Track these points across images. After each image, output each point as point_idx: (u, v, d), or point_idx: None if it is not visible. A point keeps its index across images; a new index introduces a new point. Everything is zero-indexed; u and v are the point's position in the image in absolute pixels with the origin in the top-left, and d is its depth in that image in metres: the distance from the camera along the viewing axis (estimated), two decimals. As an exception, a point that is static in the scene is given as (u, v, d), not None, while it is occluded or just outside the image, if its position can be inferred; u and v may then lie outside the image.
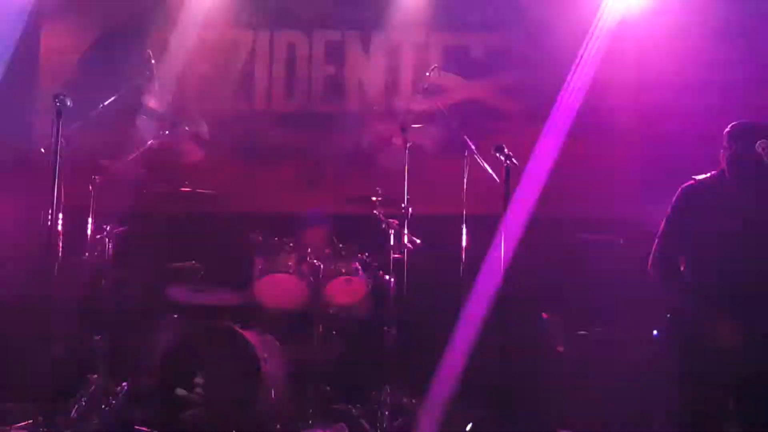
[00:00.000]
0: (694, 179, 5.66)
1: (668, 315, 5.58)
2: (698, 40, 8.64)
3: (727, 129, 5.66)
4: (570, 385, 7.32)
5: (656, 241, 5.63)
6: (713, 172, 5.67)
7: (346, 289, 7.80)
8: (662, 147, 8.63)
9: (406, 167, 7.63)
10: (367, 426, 7.29)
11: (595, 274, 7.96)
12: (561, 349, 7.38)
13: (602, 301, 7.77)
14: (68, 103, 6.04)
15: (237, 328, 7.21)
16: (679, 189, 5.67)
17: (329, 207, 8.60)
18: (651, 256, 5.63)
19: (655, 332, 7.13)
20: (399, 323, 7.55)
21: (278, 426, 7.11)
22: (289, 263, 7.66)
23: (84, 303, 7.66)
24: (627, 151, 9.05)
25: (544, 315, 7.51)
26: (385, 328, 7.50)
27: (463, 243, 7.28)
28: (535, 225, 6.07)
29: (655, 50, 8.78)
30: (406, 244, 7.50)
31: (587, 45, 8.80)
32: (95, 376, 7.38)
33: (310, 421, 7.29)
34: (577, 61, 8.81)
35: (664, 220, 5.64)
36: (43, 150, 6.46)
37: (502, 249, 5.71)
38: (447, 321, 7.42)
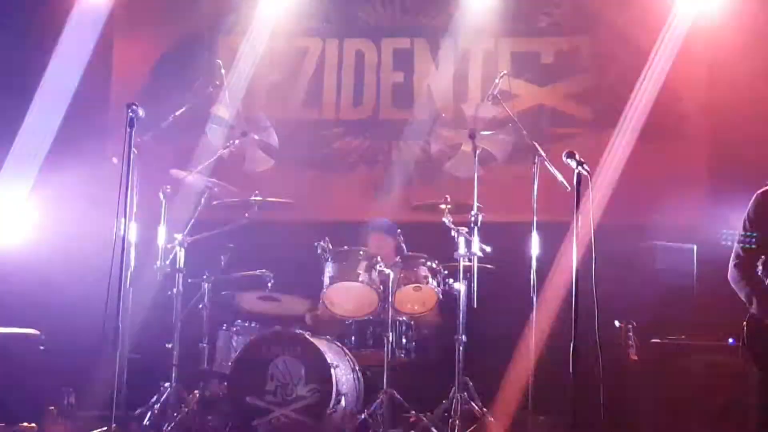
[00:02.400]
0: (768, 185, 5.56)
1: (745, 322, 5.46)
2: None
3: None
4: (644, 393, 7.21)
5: (734, 246, 5.53)
6: (789, 178, 5.56)
7: (416, 298, 7.78)
8: (735, 151, 8.48)
9: (476, 174, 7.58)
10: (437, 434, 7.26)
11: (667, 281, 7.85)
12: (635, 357, 7.27)
13: (676, 308, 7.67)
14: (140, 113, 6.08)
15: (307, 335, 7.23)
16: (754, 195, 5.57)
17: (398, 215, 8.60)
18: (730, 261, 5.54)
19: (731, 340, 7.00)
20: (469, 331, 7.51)
21: (349, 434, 7.12)
22: (359, 271, 7.64)
23: (155, 311, 7.73)
24: (699, 155, 8.92)
25: (617, 322, 7.39)
26: (455, 335, 7.46)
27: (534, 250, 7.20)
28: (606, 232, 5.96)
29: (728, 54, 8.62)
30: (475, 252, 7.45)
31: (658, 49, 8.69)
32: (167, 384, 7.44)
33: (381, 430, 7.27)
34: (648, 65, 8.71)
35: (741, 226, 5.54)
36: (115, 160, 6.51)
37: (574, 256, 5.61)
38: (517, 329, 7.36)
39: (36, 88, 8.98)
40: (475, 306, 7.43)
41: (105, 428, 6.64)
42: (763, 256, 5.26)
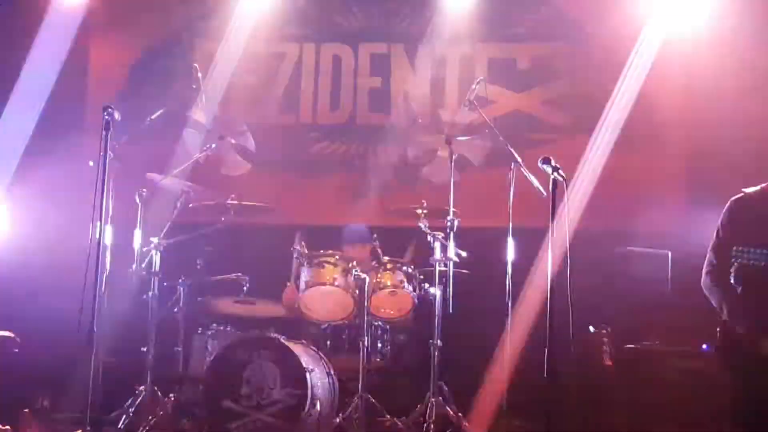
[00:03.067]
0: (744, 192, 5.59)
1: (718, 329, 5.50)
2: (747, 50, 8.53)
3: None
4: (618, 398, 7.25)
5: (708, 253, 5.56)
6: (763, 185, 5.59)
7: (392, 302, 7.80)
8: (710, 159, 8.54)
9: (452, 180, 7.61)
10: (412, 439, 7.28)
11: (642, 287, 7.88)
12: (609, 362, 7.31)
13: (650, 314, 7.71)
14: (117, 116, 6.08)
15: (282, 339, 7.23)
16: (729, 201, 5.60)
17: (374, 219, 8.61)
18: (703, 268, 5.56)
19: (705, 346, 7.05)
20: (444, 336, 7.53)
21: (324, 438, 7.12)
22: (335, 276, 7.67)
23: (131, 314, 7.71)
24: (675, 163, 8.97)
25: (592, 328, 7.44)
26: (431, 340, 7.47)
27: (509, 256, 7.24)
28: (582, 238, 6.01)
29: (704, 65, 8.66)
30: (451, 257, 7.48)
31: (635, 57, 8.74)
32: (142, 387, 7.42)
33: (356, 434, 7.28)
34: (624, 73, 8.75)
35: (714, 233, 5.57)
36: (91, 163, 6.49)
37: (549, 262, 5.65)
38: (493, 334, 7.40)
39: (12, 89, 8.94)
40: (451, 311, 7.46)
41: (80, 431, 6.61)
42: (735, 264, 5.29)
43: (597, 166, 8.57)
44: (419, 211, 7.72)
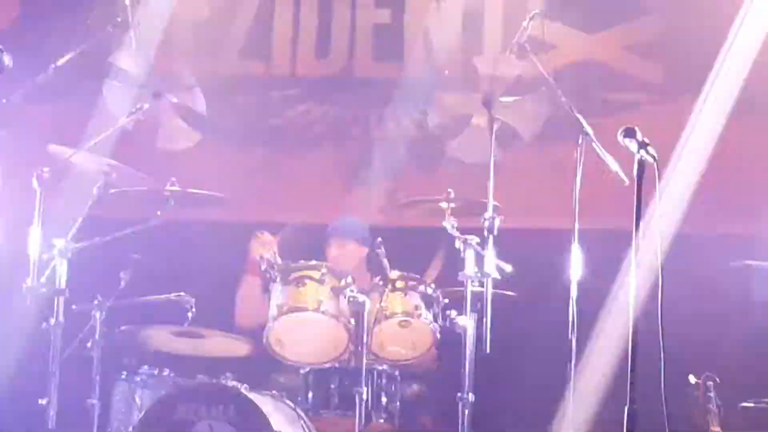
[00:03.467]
0: None
1: None
2: None
3: None
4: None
5: None
6: None
7: (403, 337, 7.78)
8: None
9: (492, 160, 7.59)
10: None
11: (766, 318, 7.90)
12: (716, 428, 7.30)
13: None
14: (6, 62, 6.07)
15: (243, 389, 7.23)
16: None
17: (379, 215, 8.62)
18: None
19: None
20: (478, 387, 7.51)
21: None
22: (320, 298, 7.65)
23: (24, 351, 7.72)
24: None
25: (693, 378, 7.43)
26: (458, 394, 7.46)
27: (575, 272, 7.22)
28: (681, 246, 6.00)
29: None
30: (490, 272, 7.46)
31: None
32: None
33: None
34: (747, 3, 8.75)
35: None
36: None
37: (632, 281, 5.63)
38: (549, 385, 7.38)
39: None
40: (488, 351, 7.44)
41: None
42: None
43: (705, 143, 8.57)
44: (444, 204, 7.72)
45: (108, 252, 7.87)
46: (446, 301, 7.83)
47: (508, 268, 7.55)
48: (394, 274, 7.89)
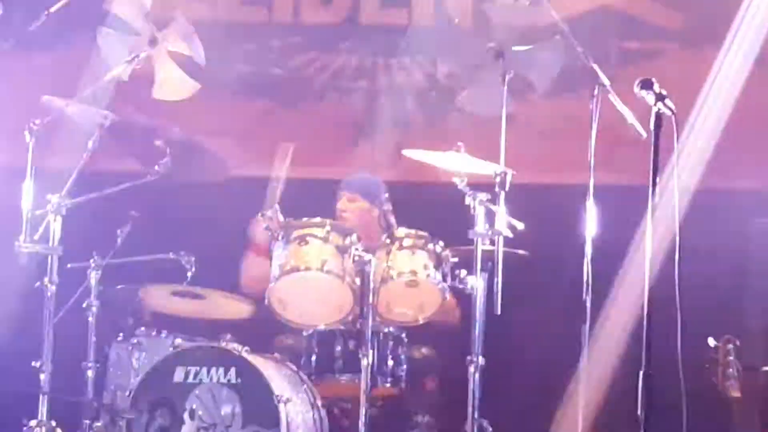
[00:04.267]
0: None
1: None
2: None
3: None
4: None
5: None
6: None
7: (410, 298, 7.77)
8: None
9: (504, 112, 7.56)
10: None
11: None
12: (737, 393, 7.30)
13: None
14: (-5, 8, 6.07)
15: (245, 352, 7.23)
16: None
17: (386, 170, 8.61)
18: None
19: None
20: (489, 350, 7.51)
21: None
22: (324, 258, 7.63)
23: (16, 312, 7.73)
24: None
25: (712, 341, 7.42)
26: (468, 357, 7.46)
27: (589, 229, 7.20)
28: (701, 203, 5.99)
29: None
30: (501, 230, 7.44)
31: None
32: (33, 422, 7.41)
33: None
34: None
35: None
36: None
37: (648, 239, 5.62)
38: (562, 348, 7.38)
39: None
40: (500, 312, 7.43)
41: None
42: None
43: (728, 93, 8.53)
44: (453, 158, 7.70)
45: (104, 208, 7.88)
46: (456, 260, 7.82)
47: (520, 225, 7.53)
48: (401, 231, 7.89)
